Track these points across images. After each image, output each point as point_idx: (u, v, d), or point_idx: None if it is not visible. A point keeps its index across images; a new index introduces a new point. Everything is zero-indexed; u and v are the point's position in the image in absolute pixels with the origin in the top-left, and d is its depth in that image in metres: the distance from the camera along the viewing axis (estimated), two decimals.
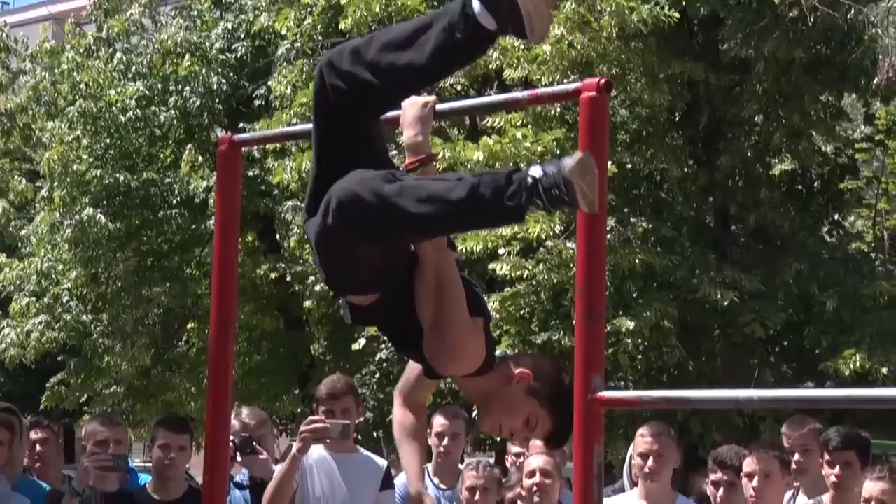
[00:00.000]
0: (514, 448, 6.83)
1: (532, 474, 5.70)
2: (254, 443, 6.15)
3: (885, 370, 11.11)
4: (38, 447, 5.95)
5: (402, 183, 3.02)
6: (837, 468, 5.45)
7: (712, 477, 5.66)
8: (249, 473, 6.34)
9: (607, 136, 2.88)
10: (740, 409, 12.13)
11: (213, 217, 15.65)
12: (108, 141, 16.14)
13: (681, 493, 6.33)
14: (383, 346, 14.27)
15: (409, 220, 2.99)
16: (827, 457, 5.50)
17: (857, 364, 11.18)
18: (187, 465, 5.94)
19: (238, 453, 6.12)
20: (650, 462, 5.92)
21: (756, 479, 5.29)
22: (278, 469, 5.86)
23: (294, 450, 5.72)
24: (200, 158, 15.54)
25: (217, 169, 3.63)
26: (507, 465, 6.48)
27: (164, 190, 16.16)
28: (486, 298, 3.58)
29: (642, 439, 5.96)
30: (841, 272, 12.43)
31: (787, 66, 12.59)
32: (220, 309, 3.60)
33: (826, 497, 5.60)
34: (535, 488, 5.68)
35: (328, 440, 5.82)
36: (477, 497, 5.89)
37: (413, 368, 3.91)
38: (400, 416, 3.96)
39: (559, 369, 3.30)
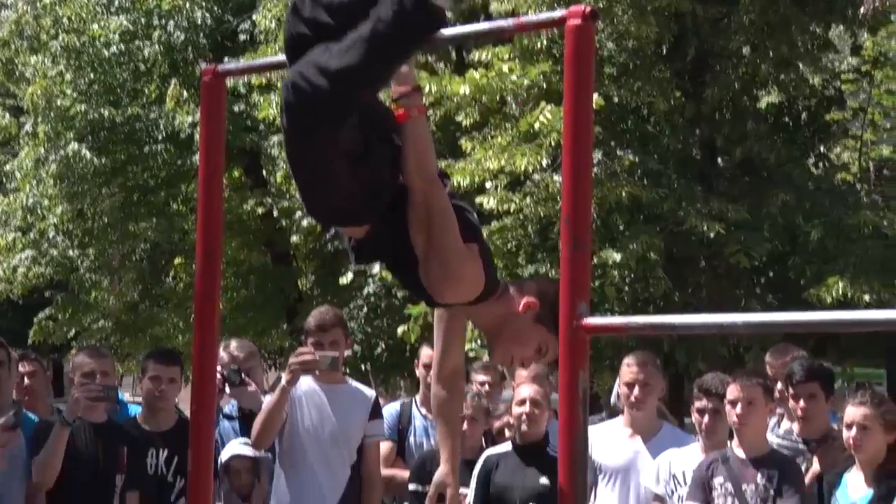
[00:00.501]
0: (478, 377, 6.88)
1: (522, 403, 5.75)
2: (242, 375, 6.19)
3: (867, 297, 11.21)
4: (26, 380, 5.99)
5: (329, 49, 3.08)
6: (802, 401, 5.54)
7: (697, 404, 5.73)
8: (238, 405, 6.40)
9: (593, 65, 2.87)
10: (725, 339, 12.24)
11: (198, 152, 15.56)
12: (91, 76, 16.04)
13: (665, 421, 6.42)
14: (371, 280, 14.32)
15: (347, 73, 3.05)
16: (791, 390, 5.59)
17: (840, 292, 11.27)
18: (177, 399, 5.99)
19: (227, 385, 6.17)
20: (636, 391, 5.99)
21: (739, 405, 5.36)
22: (267, 400, 5.91)
23: (283, 381, 5.77)
24: (185, 93, 15.47)
25: (201, 100, 3.62)
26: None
27: (149, 125, 16.09)
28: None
29: (628, 368, 6.03)
30: (826, 203, 12.48)
31: None
32: (205, 241, 3.59)
33: (795, 427, 5.69)
34: (524, 417, 5.74)
35: (317, 372, 5.87)
36: (465, 427, 5.95)
37: (437, 339, 3.92)
38: (435, 392, 3.95)
39: None
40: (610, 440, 6.08)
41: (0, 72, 17.50)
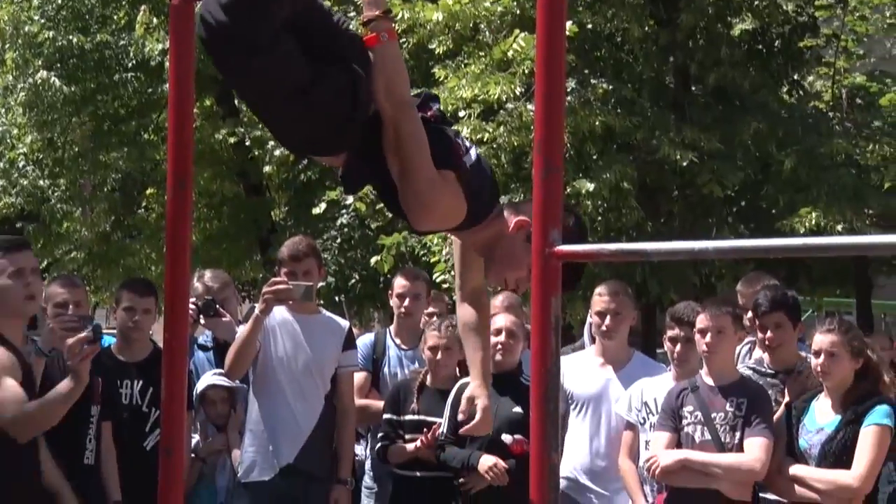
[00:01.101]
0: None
1: (498, 332, 5.78)
2: (217, 305, 6.19)
3: (840, 227, 11.25)
4: None
5: None
6: (769, 331, 5.59)
7: (669, 333, 5.77)
8: (213, 335, 6.40)
9: None
10: (697, 268, 12.29)
11: (168, 80, 15.40)
12: (59, 1, 15.79)
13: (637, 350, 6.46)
14: (344, 211, 14.27)
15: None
16: (758, 321, 5.63)
17: (813, 222, 11.31)
18: (151, 330, 5.98)
19: (201, 315, 6.16)
20: (607, 320, 6.03)
21: (709, 334, 5.40)
22: (241, 330, 5.92)
23: (257, 310, 5.77)
24: (155, 20, 15.26)
25: (170, 26, 3.56)
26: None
27: (119, 52, 15.89)
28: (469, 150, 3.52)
29: (600, 298, 6.05)
30: (799, 131, 12.47)
31: None
32: (176, 171, 3.55)
33: (766, 356, 5.75)
34: (498, 346, 5.76)
35: (290, 301, 5.87)
36: (439, 356, 5.97)
37: (455, 260, 3.92)
38: (460, 313, 3.95)
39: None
40: (581, 369, 6.13)
41: None
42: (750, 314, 5.83)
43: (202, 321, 6.23)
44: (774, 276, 6.91)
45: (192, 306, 5.88)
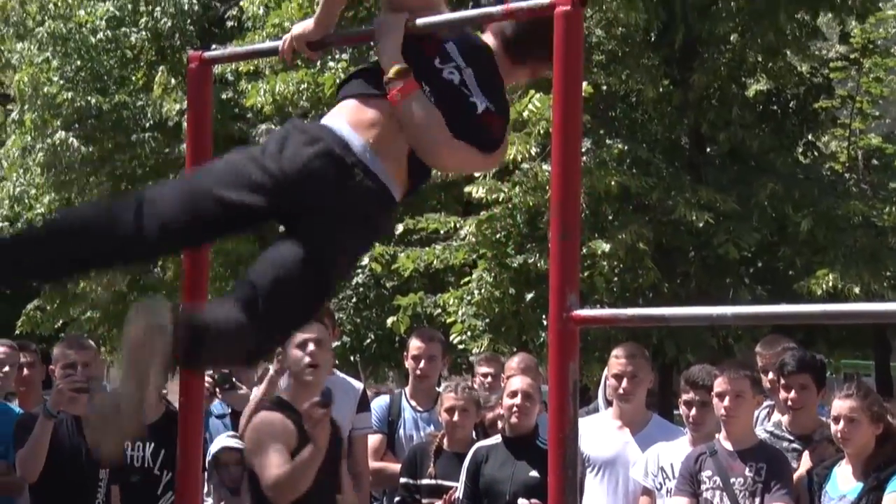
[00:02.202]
0: (481, 369, 6.87)
1: (514, 395, 5.72)
2: (232, 378, 6.15)
3: (857, 289, 11.19)
4: (25, 371, 5.91)
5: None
6: (793, 392, 5.52)
7: (684, 397, 5.70)
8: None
9: (582, 52, 2.84)
10: (715, 331, 12.21)
11: (186, 141, 15.54)
12: (78, 63, 15.95)
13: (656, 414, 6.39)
14: (360, 271, 14.27)
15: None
16: (783, 381, 5.56)
17: (831, 284, 11.25)
18: (165, 390, 5.93)
19: (217, 389, 6.12)
20: (624, 383, 5.96)
21: (727, 398, 5.32)
22: (255, 392, 5.87)
23: (272, 371, 5.73)
24: (173, 81, 15.39)
25: (188, 87, 3.57)
26: (476, 385, 6.51)
27: (137, 113, 16.02)
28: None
29: (616, 360, 5.98)
30: (815, 192, 12.46)
31: None
32: None
33: (784, 419, 5.67)
34: (514, 409, 5.70)
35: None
36: (456, 418, 5.91)
37: None
38: None
39: None
40: (598, 432, 6.06)
41: None
42: (771, 375, 5.76)
43: (219, 394, 6.18)
44: (792, 338, 6.85)
45: (207, 379, 5.83)
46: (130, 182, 16.77)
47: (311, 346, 5.07)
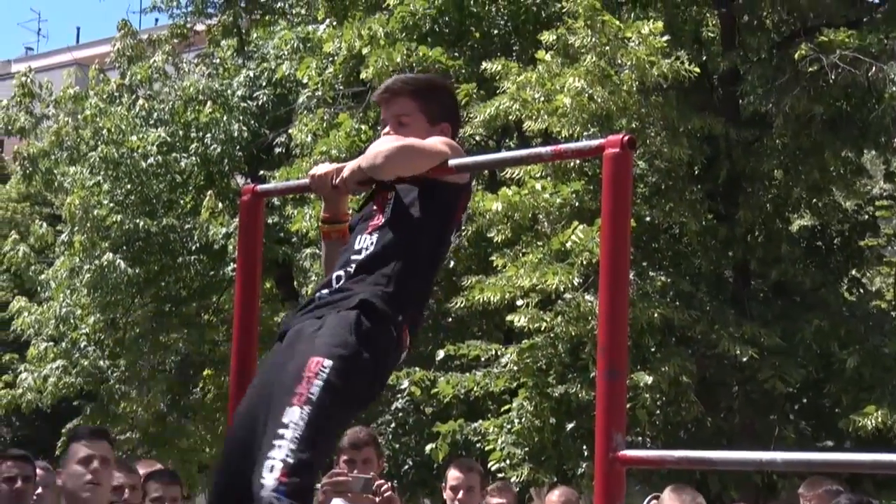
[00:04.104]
0: (493, 500, 6.80)
1: None
2: None
3: None
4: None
5: None
6: None
7: None
8: None
9: (630, 193, 2.87)
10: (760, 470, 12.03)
11: (231, 263, 15.79)
12: (128, 186, 16.23)
13: None
14: (399, 395, 14.22)
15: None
16: None
17: (879, 420, 11.07)
18: None
19: None
20: None
21: None
22: None
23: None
24: (220, 205, 15.61)
25: (239, 219, 3.64)
26: None
27: (184, 236, 16.22)
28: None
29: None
30: (862, 329, 12.34)
31: (807, 122, 12.60)
32: (240, 357, 3.60)
33: None
34: None
35: (349, 494, 5.77)
36: None
37: None
38: None
39: None
40: None
41: (39, 181, 17.74)
42: None
43: None
44: (838, 477, 6.73)
45: None
46: (175, 303, 16.90)
47: (94, 464, 4.87)
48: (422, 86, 3.68)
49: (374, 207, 3.57)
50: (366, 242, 3.48)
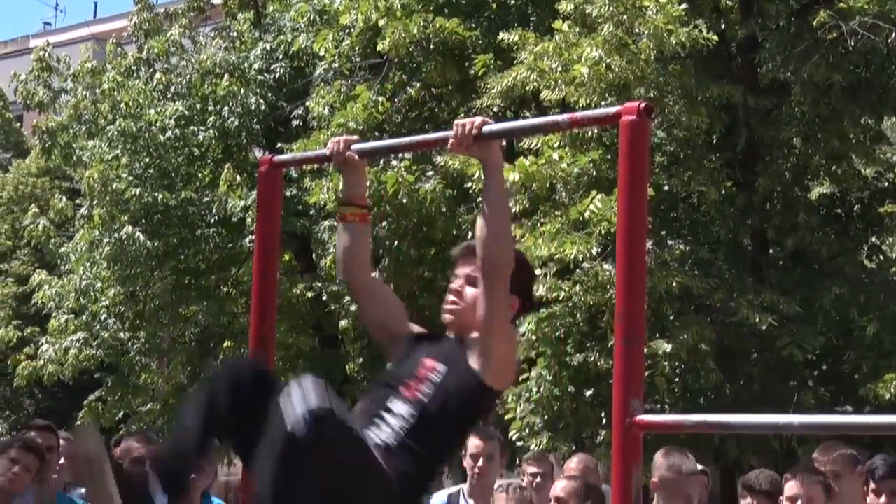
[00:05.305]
0: (529, 468, 6.83)
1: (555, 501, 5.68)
2: None
3: None
4: None
5: None
6: (884, 497, 5.38)
7: (742, 502, 5.61)
8: None
9: (647, 160, 2.88)
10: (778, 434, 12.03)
11: (249, 236, 15.85)
12: (147, 160, 16.28)
13: None
14: None
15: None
16: (872, 485, 5.42)
17: None
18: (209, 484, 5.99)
19: None
20: None
21: (800, 502, 5.23)
22: None
23: None
24: (238, 178, 15.64)
25: (258, 189, 3.66)
26: (525, 484, 6.46)
27: (202, 209, 16.27)
28: None
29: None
30: (881, 296, 12.31)
31: (826, 90, 12.53)
32: (259, 329, 3.62)
33: None
34: None
35: None
36: None
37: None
38: None
39: None
40: None
41: (58, 156, 17.80)
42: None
43: None
44: (858, 442, 6.72)
45: None
46: (194, 276, 16.97)
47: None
48: None
49: (419, 371, 3.59)
50: (398, 408, 3.54)
